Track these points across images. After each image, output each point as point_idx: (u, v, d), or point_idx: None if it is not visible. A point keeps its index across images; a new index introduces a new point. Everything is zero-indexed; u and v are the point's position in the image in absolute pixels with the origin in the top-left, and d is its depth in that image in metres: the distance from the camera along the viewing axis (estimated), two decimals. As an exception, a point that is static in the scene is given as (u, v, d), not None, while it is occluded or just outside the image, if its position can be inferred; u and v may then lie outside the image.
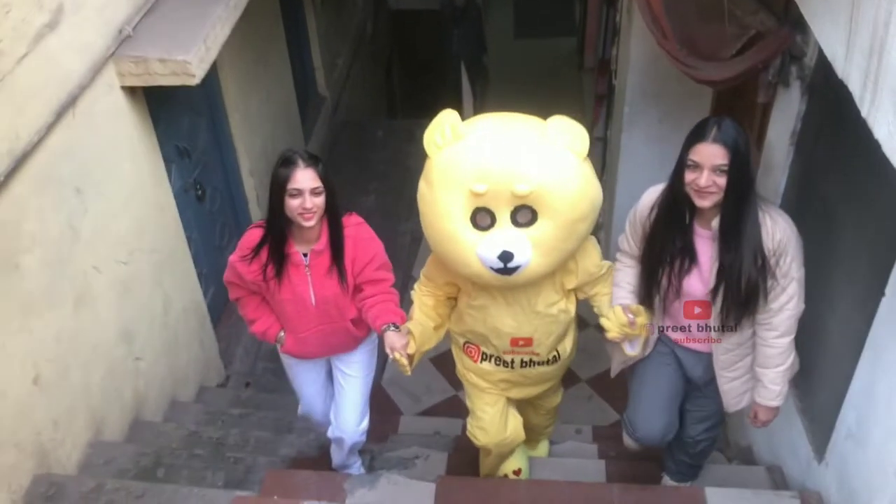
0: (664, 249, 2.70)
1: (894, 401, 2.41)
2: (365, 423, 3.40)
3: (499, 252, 2.55)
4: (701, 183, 2.49)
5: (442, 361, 4.96)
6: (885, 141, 1.99)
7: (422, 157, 2.72)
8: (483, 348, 3.03)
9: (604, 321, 2.77)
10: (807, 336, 3.01)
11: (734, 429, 3.96)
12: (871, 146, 2.05)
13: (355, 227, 3.02)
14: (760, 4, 2.97)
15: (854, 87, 2.15)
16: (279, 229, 2.91)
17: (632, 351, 2.84)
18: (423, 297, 3.02)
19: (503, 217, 2.55)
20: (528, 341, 2.89)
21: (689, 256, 2.69)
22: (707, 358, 2.86)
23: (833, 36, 2.30)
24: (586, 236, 2.72)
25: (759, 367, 2.76)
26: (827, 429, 2.91)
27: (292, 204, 2.81)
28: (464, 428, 4.09)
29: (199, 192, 5.01)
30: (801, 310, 2.65)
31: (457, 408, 4.71)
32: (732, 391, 2.86)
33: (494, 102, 2.20)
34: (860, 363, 2.63)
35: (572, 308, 2.90)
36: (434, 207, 2.63)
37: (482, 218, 2.57)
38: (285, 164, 2.83)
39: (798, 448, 3.20)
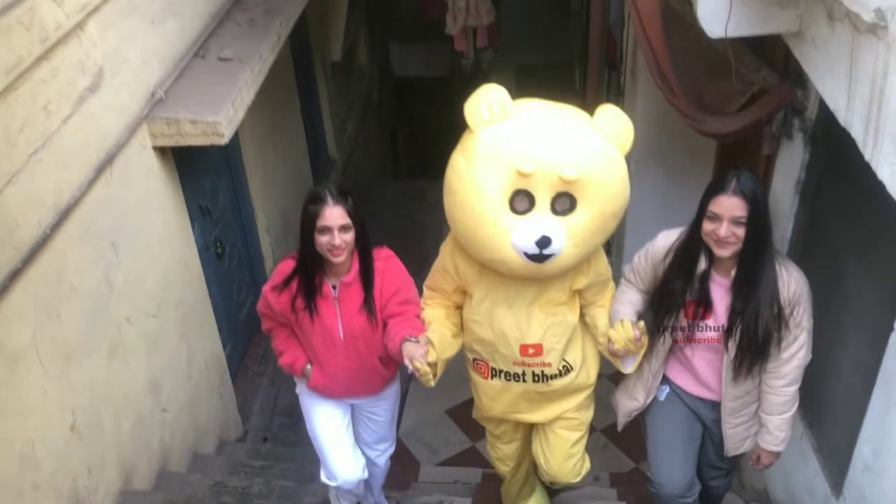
0: (677, 294, 2.75)
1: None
2: (391, 449, 3.49)
3: (538, 237, 2.52)
4: (721, 234, 2.57)
5: (458, 414, 5.04)
6: (888, 181, 2.15)
7: (433, 214, 2.81)
8: (492, 364, 2.98)
9: (611, 332, 2.76)
10: (820, 375, 3.13)
11: (749, 471, 4.03)
12: (874, 188, 2.21)
13: (385, 260, 3.02)
14: (763, 62, 3.17)
15: (857, 133, 2.32)
16: (311, 262, 2.92)
17: (627, 369, 2.88)
18: (433, 308, 2.99)
19: (543, 202, 2.53)
20: (538, 349, 2.85)
21: (705, 303, 2.74)
22: (715, 405, 2.92)
23: (834, 88, 2.48)
24: (608, 236, 2.75)
25: (764, 414, 2.83)
26: (843, 464, 3.00)
27: (321, 240, 2.82)
28: (485, 477, 4.17)
29: (219, 249, 5.16)
30: (809, 360, 2.74)
31: (474, 459, 4.78)
32: (736, 436, 2.92)
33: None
34: (873, 396, 2.74)
35: (575, 312, 2.90)
36: (471, 185, 2.57)
37: (520, 201, 2.54)
38: (314, 200, 2.84)
39: (815, 486, 3.27)
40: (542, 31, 9.63)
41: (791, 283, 2.65)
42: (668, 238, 2.82)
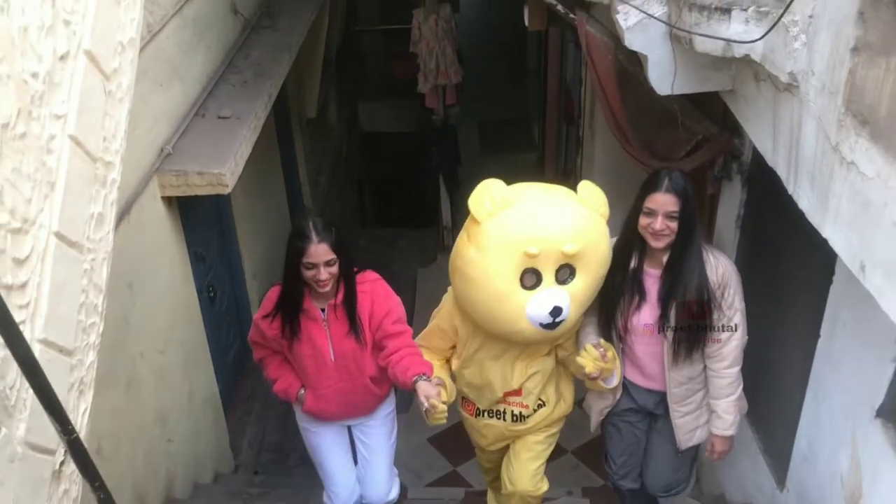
0: (617, 287, 3.01)
1: (833, 421, 2.98)
2: (395, 491, 3.57)
3: (551, 308, 2.80)
4: (656, 227, 2.84)
5: (440, 441, 5.39)
6: (807, 210, 2.64)
7: (402, 261, 3.14)
8: (478, 404, 3.33)
9: (579, 360, 3.00)
10: (763, 383, 3.59)
11: (707, 480, 4.46)
12: (798, 216, 2.69)
13: (371, 283, 3.11)
14: (705, 115, 3.69)
15: (781, 172, 2.82)
16: (295, 290, 3.00)
17: (609, 385, 3.13)
18: (430, 359, 3.15)
19: (549, 276, 2.80)
20: (518, 392, 3.20)
21: (640, 293, 3.00)
22: (662, 395, 3.17)
23: (762, 136, 2.99)
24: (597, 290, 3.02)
25: (712, 399, 3.07)
26: (785, 459, 3.45)
27: (307, 274, 2.90)
28: (468, 494, 4.51)
29: (212, 293, 5.49)
30: (745, 340, 3.04)
31: (457, 481, 5.13)
32: (685, 426, 3.15)
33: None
34: (806, 396, 3.21)
35: (553, 357, 3.22)
36: (485, 271, 2.81)
37: (529, 278, 2.80)
38: (300, 237, 2.90)
39: (763, 484, 3.71)
40: (501, 90, 10.25)
41: (719, 266, 2.93)
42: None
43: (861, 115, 2.24)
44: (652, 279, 3.03)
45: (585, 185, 2.97)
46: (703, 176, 3.91)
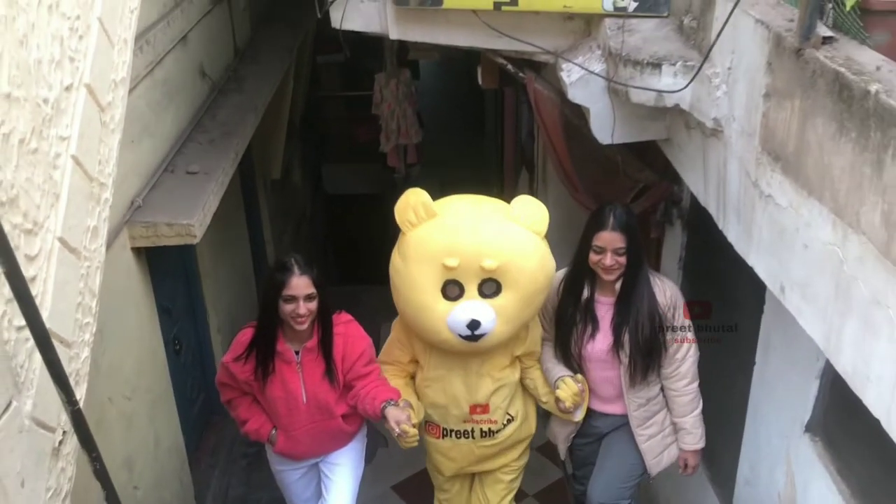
0: (570, 318, 3.13)
1: (771, 442, 3.19)
2: None
3: (468, 321, 2.87)
4: (607, 263, 2.98)
5: (404, 488, 5.47)
6: (734, 242, 2.90)
7: (367, 315, 3.24)
8: (443, 425, 3.33)
9: (559, 393, 3.10)
10: (708, 415, 3.79)
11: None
12: (731, 253, 2.94)
13: (345, 325, 3.14)
14: (645, 164, 3.98)
15: (712, 210, 3.09)
16: (271, 329, 3.00)
17: (577, 417, 3.26)
18: (394, 379, 3.22)
19: (471, 289, 2.87)
20: (486, 408, 3.24)
21: (592, 323, 3.13)
22: (622, 418, 3.28)
23: (695, 178, 3.27)
24: (541, 306, 3.13)
25: (678, 418, 3.20)
26: (730, 485, 3.63)
27: (286, 308, 2.91)
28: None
29: (178, 347, 5.59)
30: (698, 356, 3.19)
31: (420, 528, 5.18)
32: (651, 451, 3.26)
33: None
34: (746, 421, 3.42)
35: (517, 371, 3.31)
36: (408, 280, 2.91)
37: (451, 289, 2.88)
38: (281, 270, 2.93)
39: (711, 507, 3.89)
40: (461, 151, 10.60)
41: (666, 289, 3.11)
42: (556, 277, 3.22)
43: (774, 152, 2.52)
44: (604, 307, 3.16)
45: (520, 201, 3.00)
46: (646, 221, 4.18)
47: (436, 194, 3.16)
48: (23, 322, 1.34)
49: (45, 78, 1.44)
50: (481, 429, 3.33)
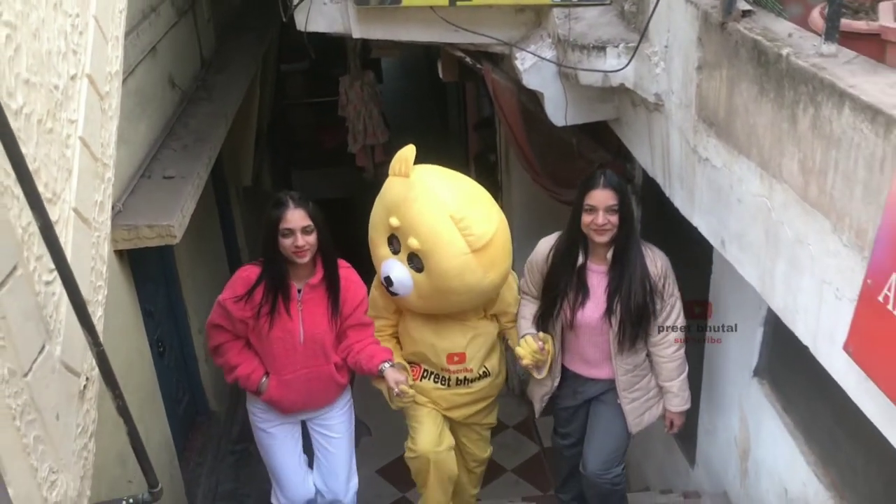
0: (561, 285, 3.14)
1: (725, 391, 3.46)
2: (355, 482, 3.57)
3: (385, 275, 3.17)
4: (599, 222, 2.97)
5: (388, 471, 5.68)
6: (680, 206, 3.16)
7: None
8: (424, 366, 3.45)
9: (518, 350, 3.19)
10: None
11: (633, 477, 4.87)
12: (680, 220, 3.18)
13: (345, 269, 3.15)
14: (599, 144, 4.24)
15: (659, 179, 3.35)
16: (276, 265, 3.00)
17: (540, 375, 3.29)
18: (384, 341, 3.35)
19: (403, 252, 3.11)
20: (462, 357, 3.37)
21: (584, 290, 3.14)
22: (609, 382, 3.29)
23: (642, 152, 3.53)
24: (464, 304, 3.24)
25: (665, 382, 3.22)
26: (693, 439, 3.89)
27: (285, 243, 2.92)
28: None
29: (161, 348, 5.75)
30: (684, 323, 3.22)
31: (406, 507, 5.41)
32: (633, 411, 3.28)
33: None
34: (703, 375, 3.68)
35: (494, 325, 3.47)
36: (373, 218, 3.20)
37: (393, 243, 3.15)
38: (277, 205, 2.96)
39: (678, 467, 4.14)
40: (427, 149, 10.72)
41: (657, 259, 3.12)
42: (548, 242, 3.27)
43: (708, 119, 2.79)
44: (596, 275, 3.17)
45: (472, 214, 3.05)
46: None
47: None
48: (50, 277, 1.53)
49: (54, 67, 1.65)
50: (457, 377, 3.47)
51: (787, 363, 2.97)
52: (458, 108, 8.92)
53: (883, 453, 2.26)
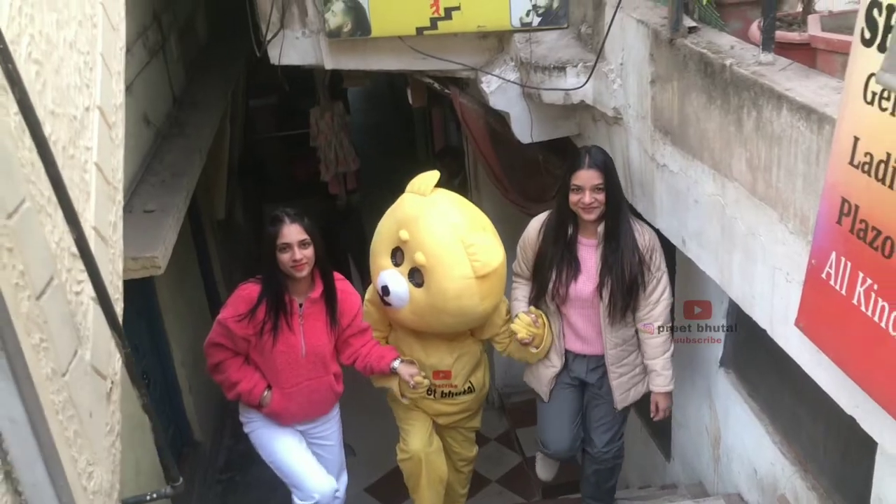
0: (553, 260, 3.20)
1: (695, 383, 3.66)
2: (345, 477, 3.69)
3: (383, 283, 3.26)
4: (586, 201, 3.05)
5: (376, 489, 5.79)
6: (643, 211, 3.36)
7: None
8: None
9: (513, 326, 3.24)
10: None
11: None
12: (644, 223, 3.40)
13: (340, 281, 3.26)
14: (564, 159, 4.46)
15: (624, 188, 3.56)
16: (276, 281, 3.06)
17: (536, 350, 3.32)
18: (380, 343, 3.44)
19: (405, 266, 3.22)
20: (448, 374, 3.53)
21: (575, 264, 3.21)
22: (598, 359, 3.36)
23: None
24: (453, 326, 3.35)
25: (649, 360, 3.27)
26: (667, 433, 4.09)
27: (284, 258, 2.99)
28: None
29: (146, 381, 5.84)
30: (672, 301, 3.27)
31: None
32: (620, 387, 3.34)
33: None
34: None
35: (479, 343, 3.61)
36: (381, 228, 3.32)
37: (397, 255, 3.26)
38: (273, 222, 3.06)
39: (656, 461, 4.33)
40: (398, 178, 10.90)
41: (644, 233, 3.16)
42: (538, 220, 3.35)
43: (663, 128, 3.02)
44: (587, 249, 3.22)
45: (483, 241, 3.19)
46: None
47: (376, 215, 3.50)
48: (78, 288, 1.68)
49: (72, 100, 1.81)
50: (442, 391, 3.62)
51: (750, 351, 3.18)
52: (426, 135, 9.15)
53: (838, 422, 2.48)
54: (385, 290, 3.30)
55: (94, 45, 2.01)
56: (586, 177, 3.06)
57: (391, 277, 3.29)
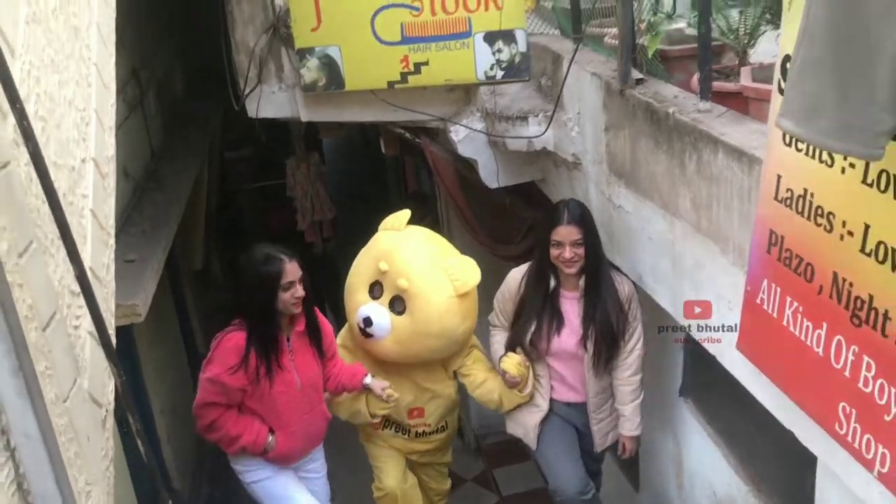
0: (533, 313, 3.27)
1: (661, 414, 3.83)
2: None
3: (364, 316, 3.34)
4: (566, 256, 3.12)
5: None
6: (605, 250, 3.58)
7: None
8: (385, 418, 3.65)
9: (504, 364, 3.33)
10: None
11: None
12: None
13: (312, 307, 3.26)
14: (529, 203, 4.69)
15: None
16: (274, 323, 3.04)
17: (528, 390, 3.42)
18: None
19: (386, 296, 3.35)
20: (421, 412, 3.66)
21: (558, 318, 3.26)
22: (583, 406, 3.44)
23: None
24: (437, 351, 3.45)
25: (620, 406, 3.35)
26: (636, 465, 4.24)
27: (285, 296, 2.98)
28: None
29: (126, 430, 5.90)
30: (645, 350, 3.33)
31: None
32: (600, 431, 3.46)
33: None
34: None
35: (453, 387, 3.75)
36: (356, 267, 3.46)
37: (375, 289, 3.38)
38: (270, 261, 2.99)
39: (624, 492, 4.48)
40: (370, 219, 11.12)
41: (624, 283, 3.25)
42: (519, 271, 3.43)
43: (618, 171, 3.25)
44: (569, 302, 3.28)
45: (461, 261, 3.42)
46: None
47: (351, 261, 3.65)
48: (77, 323, 1.84)
49: (71, 152, 1.99)
50: (416, 430, 3.78)
51: (705, 379, 3.37)
52: (398, 182, 9.39)
53: (784, 440, 2.66)
54: (367, 322, 3.36)
55: (88, 102, 2.19)
56: (565, 232, 3.13)
57: (372, 309, 3.38)
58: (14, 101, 1.51)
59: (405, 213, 3.55)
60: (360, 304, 3.43)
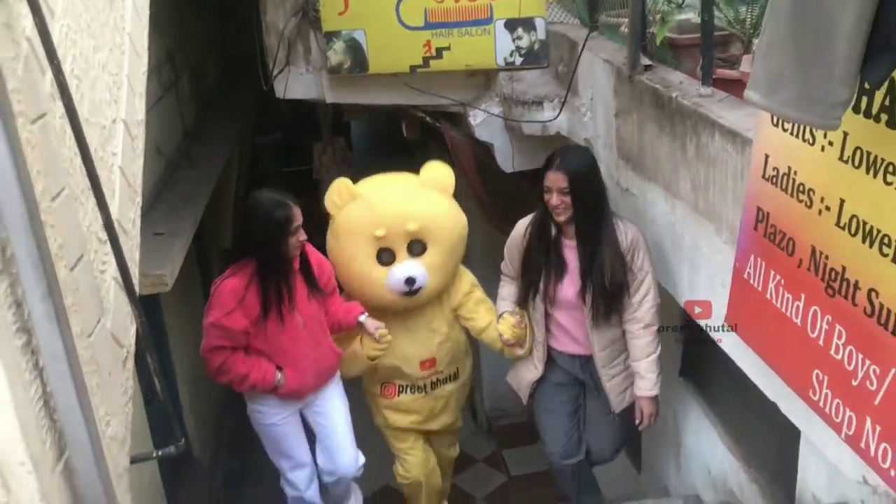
0: (540, 260, 3.22)
1: (661, 399, 3.92)
2: (363, 458, 3.65)
3: (404, 278, 3.34)
4: (553, 202, 3.06)
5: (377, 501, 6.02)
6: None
7: None
8: (398, 382, 3.72)
9: (499, 326, 3.33)
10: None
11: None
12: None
13: (308, 244, 3.28)
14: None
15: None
16: (287, 266, 3.11)
17: (521, 351, 3.41)
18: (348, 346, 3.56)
19: (401, 252, 3.35)
20: (433, 361, 3.68)
21: (559, 265, 3.20)
22: (588, 360, 3.36)
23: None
24: (462, 253, 3.58)
25: (634, 361, 3.21)
26: (638, 444, 4.35)
27: (293, 240, 3.05)
28: None
29: (149, 397, 6.11)
30: (659, 302, 3.19)
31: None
32: (614, 389, 3.32)
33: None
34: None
35: (460, 331, 3.77)
36: (345, 255, 3.37)
37: (385, 256, 3.36)
38: (280, 207, 3.03)
39: (628, 475, 4.58)
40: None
41: (628, 232, 3.10)
42: (524, 221, 3.38)
43: (626, 156, 3.35)
44: (570, 250, 3.22)
45: (428, 167, 3.51)
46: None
47: None
48: (103, 267, 2.00)
49: (103, 112, 2.15)
50: (431, 381, 3.76)
51: (702, 359, 3.47)
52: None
53: (772, 416, 2.76)
54: (411, 281, 3.37)
55: (121, 67, 2.36)
56: (553, 178, 3.08)
57: (403, 269, 3.36)
58: (52, 56, 1.67)
59: (345, 182, 3.45)
60: (383, 278, 3.40)
